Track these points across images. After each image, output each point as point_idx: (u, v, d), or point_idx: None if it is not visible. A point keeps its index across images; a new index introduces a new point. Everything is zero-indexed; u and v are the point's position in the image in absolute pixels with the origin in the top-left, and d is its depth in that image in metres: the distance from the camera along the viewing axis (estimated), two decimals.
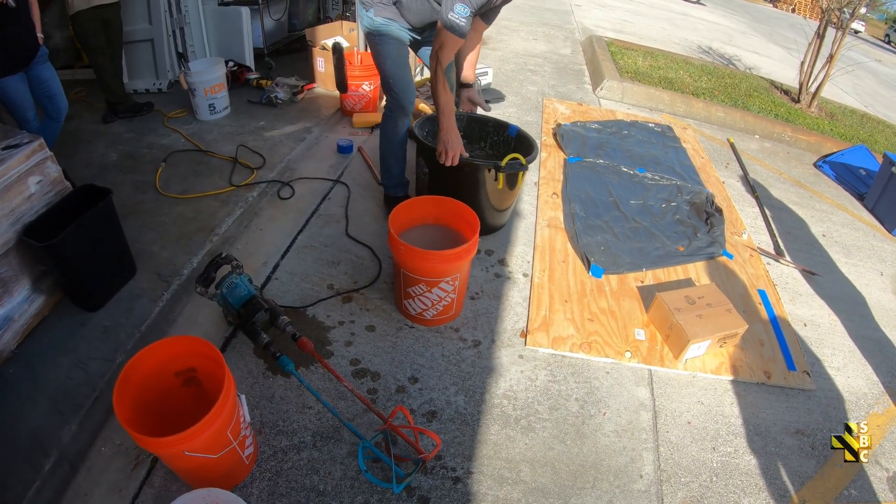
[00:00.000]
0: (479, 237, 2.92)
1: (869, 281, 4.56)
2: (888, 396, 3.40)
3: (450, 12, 2.94)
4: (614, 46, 9.22)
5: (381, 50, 3.39)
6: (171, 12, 5.30)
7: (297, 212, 3.96)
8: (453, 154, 3.30)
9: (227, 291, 2.71)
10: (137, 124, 4.80)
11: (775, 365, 3.30)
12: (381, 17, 3.31)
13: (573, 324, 3.26)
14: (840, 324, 3.92)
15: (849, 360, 3.61)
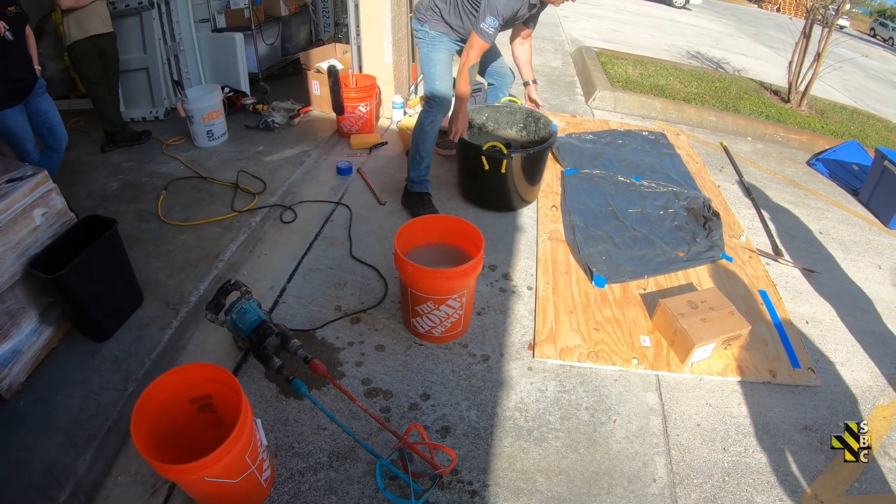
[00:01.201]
0: (482, 251, 2.96)
1: (868, 275, 4.60)
2: (892, 388, 3.44)
3: (482, 22, 3.62)
4: (604, 56, 9.32)
5: (433, 56, 4.03)
6: (165, 40, 5.37)
7: (301, 235, 4.01)
8: (457, 130, 4.06)
9: (238, 317, 2.75)
10: (136, 153, 4.86)
11: (780, 363, 3.34)
12: (435, 31, 3.97)
13: (579, 334, 3.31)
14: (841, 319, 3.96)
15: (852, 354, 3.65)
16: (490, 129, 4.84)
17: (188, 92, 5.02)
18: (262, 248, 3.84)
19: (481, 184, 4.40)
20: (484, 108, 4.74)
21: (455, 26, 3.96)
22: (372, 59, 5.74)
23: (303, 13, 7.54)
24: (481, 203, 4.54)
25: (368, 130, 5.49)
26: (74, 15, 4.35)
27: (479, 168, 4.16)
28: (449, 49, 4.08)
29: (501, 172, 4.13)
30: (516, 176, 4.28)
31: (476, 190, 4.54)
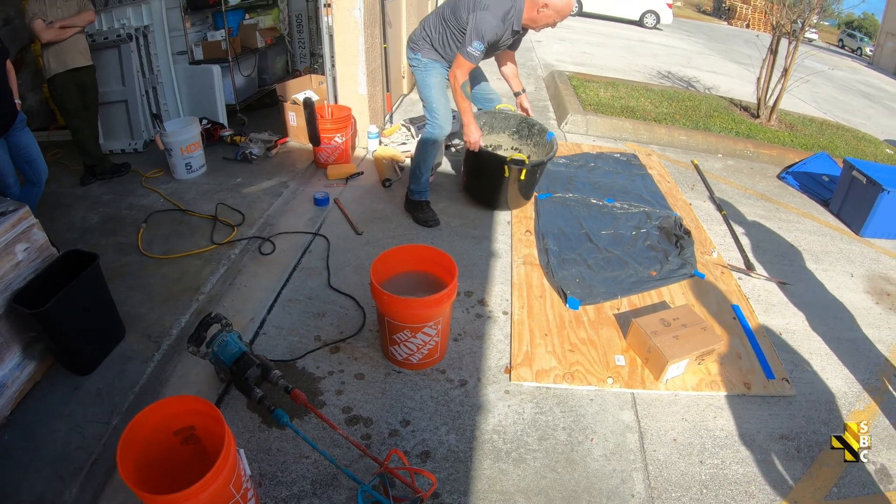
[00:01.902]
0: (456, 278, 3.02)
1: (840, 284, 4.70)
2: (867, 393, 3.52)
3: (468, 46, 3.96)
4: (576, 80, 9.44)
5: (427, 81, 4.41)
6: (143, 73, 5.42)
7: (280, 266, 4.03)
8: (474, 141, 4.40)
9: (219, 349, 2.78)
10: (116, 186, 4.88)
11: (754, 376, 3.41)
12: (427, 58, 4.36)
13: (555, 356, 3.36)
14: (815, 329, 4.04)
15: (826, 362, 3.73)
16: (486, 133, 5.06)
17: (166, 125, 5.05)
18: (242, 280, 3.87)
19: (493, 187, 4.79)
20: (481, 114, 4.98)
21: (444, 54, 4.33)
22: (347, 90, 5.81)
23: (279, 44, 7.63)
24: (491, 204, 4.97)
25: (345, 160, 5.54)
26: (54, 48, 4.41)
27: (495, 173, 4.62)
28: (441, 73, 4.43)
29: (520, 179, 4.60)
30: (526, 181, 4.70)
31: (488, 193, 4.92)
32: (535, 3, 3.94)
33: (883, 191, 5.39)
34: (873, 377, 3.68)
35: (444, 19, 4.20)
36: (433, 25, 4.28)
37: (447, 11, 4.17)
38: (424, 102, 4.52)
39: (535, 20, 4.04)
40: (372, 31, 5.75)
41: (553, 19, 4.02)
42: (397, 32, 7.41)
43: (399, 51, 7.68)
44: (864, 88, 18.40)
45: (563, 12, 3.98)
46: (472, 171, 4.98)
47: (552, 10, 3.94)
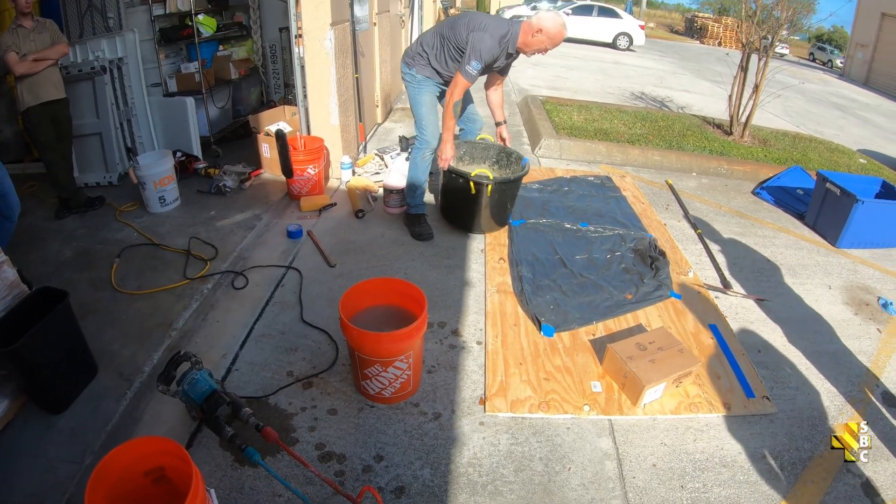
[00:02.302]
0: (426, 311, 2.98)
1: (818, 296, 4.70)
2: (850, 406, 3.50)
3: (467, 65, 4.12)
4: (550, 104, 9.49)
5: (420, 98, 4.56)
6: (117, 105, 5.40)
7: (253, 301, 3.99)
8: (446, 158, 4.50)
9: (189, 388, 2.74)
10: (90, 219, 4.83)
11: (734, 395, 3.38)
12: (421, 75, 4.50)
13: (530, 385, 3.31)
14: (794, 344, 4.03)
15: (807, 377, 3.71)
16: (467, 163, 5.14)
17: (140, 158, 5.01)
18: (215, 315, 3.82)
19: (466, 207, 4.82)
20: (462, 143, 5.10)
21: (441, 70, 4.47)
22: (319, 121, 5.81)
23: (253, 75, 7.64)
24: (464, 226, 5.03)
25: (318, 192, 5.53)
26: (28, 81, 4.38)
27: (464, 192, 4.63)
28: (433, 91, 4.59)
29: (487, 196, 4.63)
30: (497, 200, 4.75)
31: (460, 213, 4.99)
32: (530, 27, 4.15)
33: (857, 201, 5.44)
34: (855, 389, 3.67)
35: (443, 37, 4.35)
36: (431, 43, 4.43)
37: (447, 30, 4.33)
38: (415, 118, 4.69)
39: (528, 44, 4.21)
40: (343, 62, 5.77)
41: (545, 45, 4.20)
42: (370, 62, 7.45)
43: (372, 80, 7.71)
44: (835, 100, 18.67)
45: (555, 39, 4.17)
46: (445, 191, 5.05)
47: (545, 37, 4.13)
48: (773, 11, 8.68)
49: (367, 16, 6.95)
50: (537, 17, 4.15)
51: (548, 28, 4.09)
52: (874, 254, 5.73)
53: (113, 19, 5.64)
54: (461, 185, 4.62)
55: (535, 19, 4.14)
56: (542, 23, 4.10)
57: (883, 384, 3.75)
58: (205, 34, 6.46)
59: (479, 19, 4.24)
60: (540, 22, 4.11)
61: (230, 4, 7.17)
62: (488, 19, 4.26)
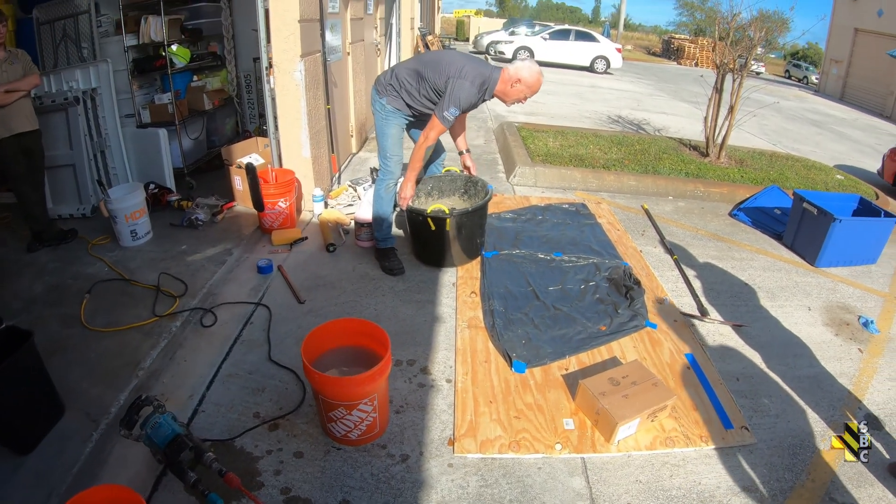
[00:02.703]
0: (389, 353, 2.89)
1: (798, 319, 4.66)
2: (832, 432, 3.43)
3: (445, 111, 4.11)
4: (525, 130, 9.48)
5: (387, 130, 4.51)
6: (91, 136, 5.32)
7: (221, 339, 3.89)
8: (405, 196, 4.53)
9: (152, 432, 2.67)
10: (62, 253, 4.75)
11: (711, 427, 3.30)
12: (392, 106, 4.42)
13: (500, 424, 3.21)
14: (773, 370, 3.97)
15: (787, 404, 3.64)
16: (436, 198, 5.10)
17: (111, 191, 4.94)
18: (183, 354, 3.71)
19: (431, 243, 4.81)
20: (428, 179, 5.07)
21: (413, 105, 4.41)
22: (291, 153, 5.75)
23: (228, 106, 7.57)
24: (434, 261, 4.95)
25: (290, 225, 5.45)
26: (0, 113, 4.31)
27: (427, 229, 4.59)
28: (401, 124, 4.55)
29: (447, 230, 4.58)
30: (462, 233, 4.74)
31: (427, 250, 4.94)
32: (508, 78, 4.19)
33: (835, 220, 5.44)
34: (837, 413, 3.61)
35: (421, 76, 4.29)
36: (407, 77, 4.36)
37: (426, 71, 4.26)
38: (379, 148, 4.65)
39: (507, 94, 4.26)
40: (315, 93, 5.72)
41: (524, 94, 4.26)
42: (343, 93, 7.41)
43: (346, 110, 7.67)
44: (811, 116, 18.90)
45: (534, 88, 4.22)
46: (411, 230, 5.02)
47: (524, 86, 4.20)
48: (747, 31, 8.74)
49: (339, 45, 6.91)
50: (515, 68, 4.19)
51: (526, 78, 4.16)
52: (854, 271, 5.74)
53: (87, 49, 5.63)
54: (422, 221, 4.59)
55: (513, 70, 4.18)
56: (519, 73, 4.16)
57: (865, 406, 3.71)
58: (178, 65, 6.41)
59: (459, 64, 4.19)
60: (518, 72, 4.16)
61: (204, 35, 7.12)
62: (468, 65, 4.20)
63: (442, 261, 4.90)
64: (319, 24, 5.82)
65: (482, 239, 5.10)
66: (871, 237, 5.87)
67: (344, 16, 7.20)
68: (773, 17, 9.34)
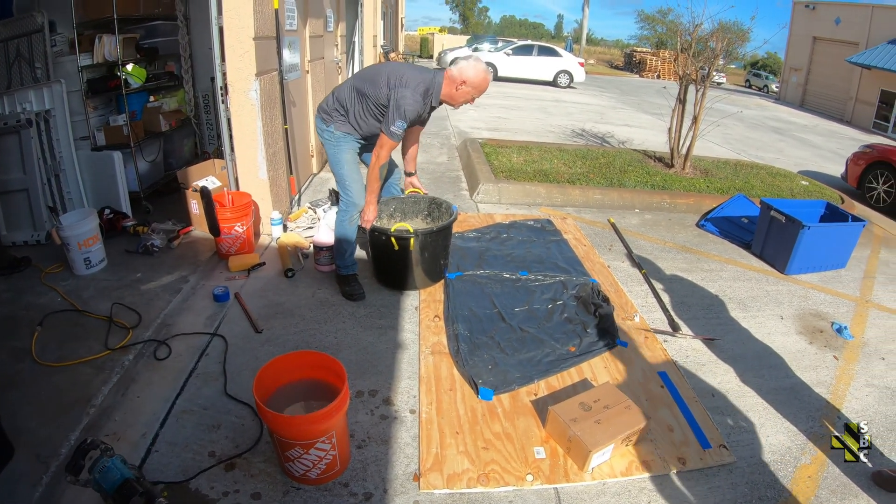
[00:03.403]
0: (346, 388, 2.73)
1: (771, 329, 4.62)
2: (812, 444, 3.36)
3: (392, 125, 3.95)
4: (489, 147, 9.38)
5: (340, 157, 4.34)
6: (45, 159, 5.10)
7: (175, 372, 3.69)
8: (368, 219, 4.41)
9: (100, 477, 2.51)
10: (15, 282, 4.52)
11: (688, 448, 3.19)
12: (340, 131, 4.27)
13: (467, 456, 3.05)
14: (749, 383, 3.90)
15: (765, 418, 3.57)
16: (398, 219, 4.93)
17: (62, 218, 4.72)
18: (135, 389, 3.51)
19: (394, 265, 4.67)
20: (390, 200, 4.93)
21: (358, 127, 4.26)
22: (247, 175, 5.58)
23: (186, 126, 7.34)
24: (396, 284, 4.80)
25: (248, 250, 5.27)
26: None
27: (390, 250, 4.46)
28: (353, 148, 4.39)
29: (410, 250, 4.45)
30: (426, 254, 4.60)
31: (390, 272, 4.80)
32: (452, 80, 4.05)
33: (803, 227, 5.45)
34: (816, 424, 3.55)
35: (361, 93, 4.13)
36: (349, 98, 4.20)
37: (367, 86, 4.11)
38: (337, 178, 4.48)
39: (454, 97, 4.13)
40: (271, 113, 5.56)
41: (472, 95, 4.13)
42: (303, 112, 7.26)
43: (306, 130, 7.52)
44: (773, 124, 19.21)
45: (481, 87, 4.10)
46: (374, 252, 4.87)
47: (470, 87, 4.05)
48: (709, 43, 8.78)
49: (298, 63, 6.76)
50: (458, 69, 4.04)
51: (471, 78, 4.02)
52: (824, 277, 5.76)
53: (41, 69, 5.41)
54: (385, 242, 4.46)
55: (457, 71, 4.04)
56: (464, 74, 4.01)
57: (844, 415, 3.66)
58: (133, 85, 6.18)
59: (399, 73, 4.04)
60: (462, 73, 4.02)
61: (161, 54, 6.94)
62: (409, 72, 4.08)
63: (404, 283, 4.76)
64: (276, 42, 5.68)
65: (446, 261, 4.97)
66: (839, 242, 5.92)
67: (303, 33, 7.06)
68: (733, 28, 9.42)
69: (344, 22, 10.40)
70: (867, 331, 4.81)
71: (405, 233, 4.36)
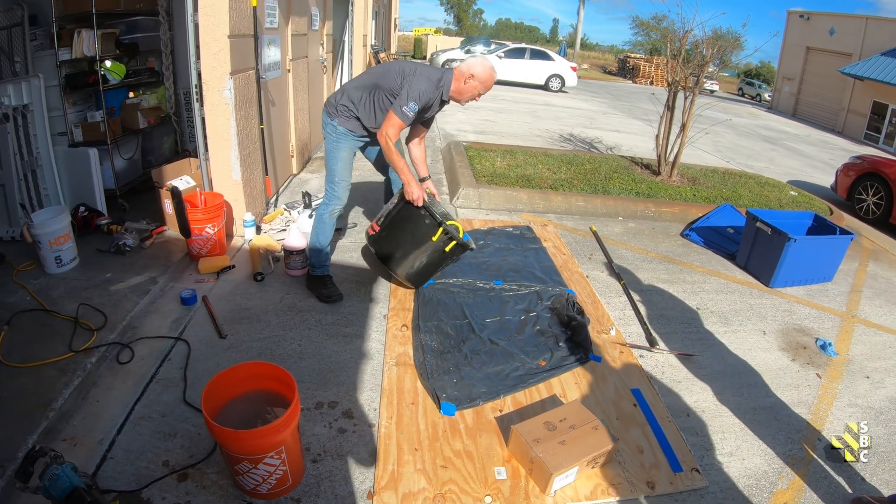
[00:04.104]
0: (296, 401, 2.59)
1: (752, 344, 4.52)
2: (790, 468, 3.25)
3: (404, 105, 3.95)
4: (473, 150, 9.25)
5: (337, 153, 4.38)
6: (21, 155, 4.97)
7: (136, 377, 3.57)
8: (417, 197, 4.23)
9: (50, 484, 2.44)
10: None
11: (658, 471, 3.07)
12: (343, 127, 4.29)
13: (424, 475, 2.92)
14: (726, 403, 3.79)
15: (741, 440, 3.45)
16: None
17: (34, 216, 4.61)
18: (96, 393, 3.40)
19: (410, 246, 4.47)
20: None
21: (367, 123, 4.28)
22: (221, 176, 5.46)
23: (166, 124, 7.21)
24: (392, 263, 4.57)
25: (219, 252, 5.15)
26: None
27: (419, 233, 4.37)
28: (351, 147, 4.43)
29: (438, 244, 4.36)
30: (435, 258, 4.47)
31: (398, 247, 4.53)
32: (461, 74, 4.13)
33: (789, 240, 5.37)
34: (795, 447, 3.43)
35: (373, 88, 4.21)
36: (358, 96, 4.26)
37: (379, 79, 4.20)
38: (327, 172, 4.49)
39: (461, 92, 4.19)
40: (247, 113, 5.44)
41: (478, 90, 4.19)
42: (283, 111, 7.13)
43: (287, 130, 7.40)
44: (765, 132, 19.24)
45: (487, 83, 4.16)
46: (396, 222, 4.55)
47: (477, 82, 4.12)
48: (700, 49, 8.71)
49: (278, 62, 6.64)
50: (466, 64, 4.14)
51: (479, 73, 4.09)
52: (810, 290, 5.68)
53: (20, 63, 5.29)
54: (422, 224, 4.36)
55: (465, 66, 4.13)
56: (472, 69, 4.10)
57: (825, 437, 3.54)
58: (112, 81, 6.07)
59: (411, 66, 4.17)
60: (470, 68, 4.11)
61: (141, 50, 6.79)
62: (420, 66, 4.19)
63: (398, 267, 4.57)
64: (253, 40, 5.55)
65: (431, 277, 4.81)
66: (826, 255, 5.84)
67: (284, 32, 6.94)
68: (726, 36, 9.36)
69: (331, 21, 10.27)
70: (853, 347, 4.73)
71: (454, 230, 4.36)
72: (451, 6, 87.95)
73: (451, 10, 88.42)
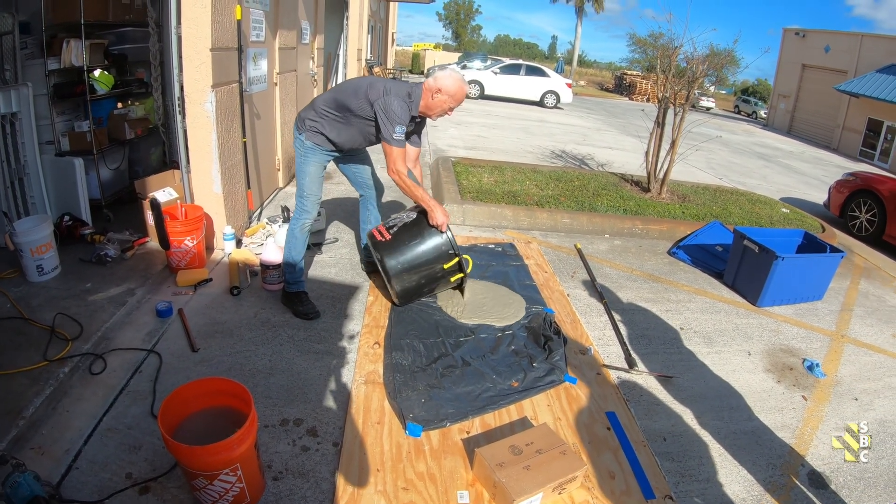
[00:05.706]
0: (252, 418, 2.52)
1: (736, 366, 4.45)
2: (770, 495, 3.16)
3: (392, 133, 3.94)
4: (461, 166, 9.22)
5: (305, 168, 4.30)
6: (8, 162, 4.96)
7: (107, 389, 3.53)
8: (441, 222, 4.33)
9: (11, 492, 2.44)
10: None
11: (630, 498, 2.97)
12: (311, 142, 4.22)
13: (385, 497, 2.84)
14: (705, 426, 3.70)
15: (720, 465, 3.37)
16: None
17: (16, 224, 4.58)
18: (66, 403, 3.36)
19: (417, 264, 4.48)
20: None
21: (338, 140, 4.26)
22: (202, 189, 5.43)
23: (154, 135, 7.18)
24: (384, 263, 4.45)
25: (199, 265, 5.11)
26: None
27: (435, 258, 4.48)
28: (320, 161, 4.34)
29: (449, 281, 4.64)
30: (431, 276, 4.56)
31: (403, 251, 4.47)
32: (428, 88, 4.06)
33: (777, 258, 5.33)
34: (776, 473, 3.35)
35: (340, 105, 4.15)
36: (328, 110, 4.19)
37: (348, 98, 4.13)
38: (298, 187, 4.44)
39: (430, 107, 4.13)
40: (229, 125, 5.40)
41: (448, 105, 4.12)
42: (269, 124, 7.09)
43: (273, 143, 7.37)
44: (759, 149, 19.31)
45: (457, 97, 4.09)
46: (410, 235, 4.54)
47: (446, 96, 4.05)
48: (691, 66, 8.71)
49: (264, 75, 6.61)
50: (434, 78, 4.07)
51: (447, 87, 4.02)
52: (799, 309, 5.62)
53: (10, 72, 5.26)
54: (439, 248, 4.47)
55: (432, 80, 4.06)
56: (439, 82, 4.03)
57: (809, 463, 3.46)
58: (100, 91, 6.05)
59: (376, 85, 4.08)
60: (437, 82, 4.04)
61: (130, 61, 6.79)
62: (387, 83, 4.11)
63: (389, 268, 4.47)
64: (237, 54, 5.53)
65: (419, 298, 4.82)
66: (816, 273, 5.80)
67: (272, 45, 6.92)
68: (722, 53, 9.34)
69: (322, 35, 10.24)
70: (841, 368, 4.66)
71: (466, 265, 4.58)
72: (450, 22, 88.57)
73: (450, 25, 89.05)
